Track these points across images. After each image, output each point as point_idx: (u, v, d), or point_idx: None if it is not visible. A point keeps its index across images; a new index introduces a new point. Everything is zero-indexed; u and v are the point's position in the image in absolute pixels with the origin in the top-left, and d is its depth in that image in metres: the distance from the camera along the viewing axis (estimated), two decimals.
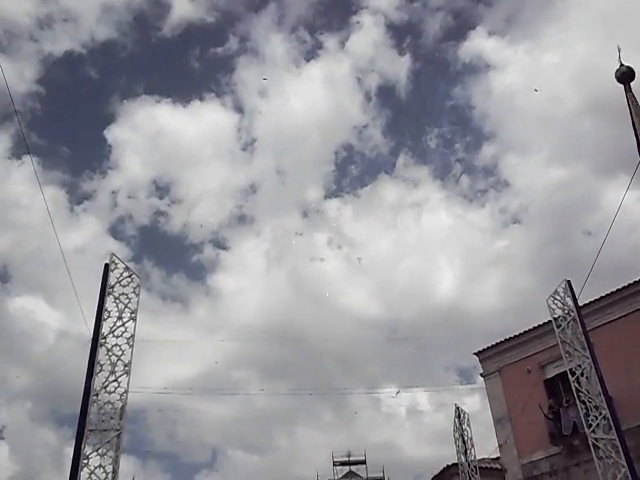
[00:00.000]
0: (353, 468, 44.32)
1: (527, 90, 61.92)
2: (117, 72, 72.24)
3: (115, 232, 71.88)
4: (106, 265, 11.52)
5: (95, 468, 9.74)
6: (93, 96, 68.24)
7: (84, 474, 9.64)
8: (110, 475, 9.83)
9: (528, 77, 62.79)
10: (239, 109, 79.78)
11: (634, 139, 14.56)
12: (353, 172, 77.99)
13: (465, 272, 65.40)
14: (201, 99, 77.03)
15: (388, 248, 69.77)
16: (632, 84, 12.54)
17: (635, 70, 12.43)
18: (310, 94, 69.98)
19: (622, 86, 14.48)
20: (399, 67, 75.14)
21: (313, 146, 68.19)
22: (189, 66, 70.46)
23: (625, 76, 10.56)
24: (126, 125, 71.90)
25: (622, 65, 12.11)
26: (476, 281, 65.55)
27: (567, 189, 59.03)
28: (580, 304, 13.70)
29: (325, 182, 78.43)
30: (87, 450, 9.85)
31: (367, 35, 68.47)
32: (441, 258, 66.46)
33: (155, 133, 65.70)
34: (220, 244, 77.81)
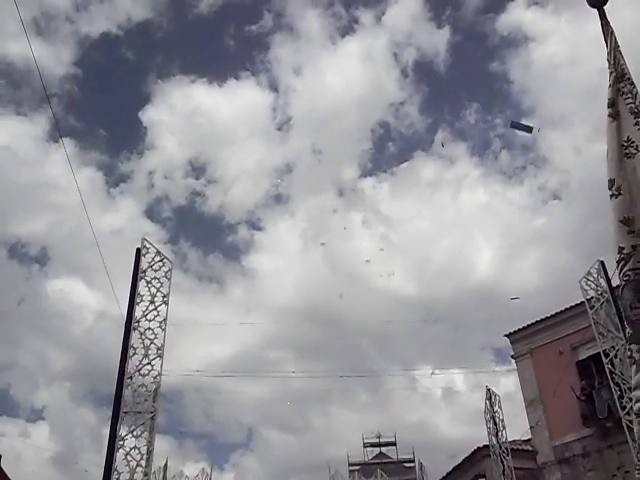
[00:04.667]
0: (383, 449, 44.55)
1: (570, 61, 60.35)
2: (153, 52, 72.38)
3: (152, 213, 72.47)
4: (138, 250, 11.62)
5: (130, 449, 9.90)
6: (129, 77, 68.62)
7: (120, 455, 9.80)
8: (145, 456, 9.99)
9: (571, 48, 61.14)
10: (274, 87, 79.41)
11: None
12: (390, 150, 77.43)
13: (503, 250, 64.61)
14: (236, 78, 76.77)
15: (425, 226, 69.30)
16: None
17: None
18: (346, 71, 69.15)
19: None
20: (437, 40, 73.75)
21: (349, 124, 67.59)
22: (224, 44, 70.19)
23: None
24: (162, 105, 72.12)
25: None
26: (514, 260, 64.72)
27: None
28: (614, 284, 13.47)
29: (361, 160, 77.72)
30: (122, 432, 10.01)
31: (404, 8, 66.97)
32: (478, 236, 65.71)
33: (191, 113, 65.86)
34: (255, 225, 78.12)
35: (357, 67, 68.32)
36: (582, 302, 13.97)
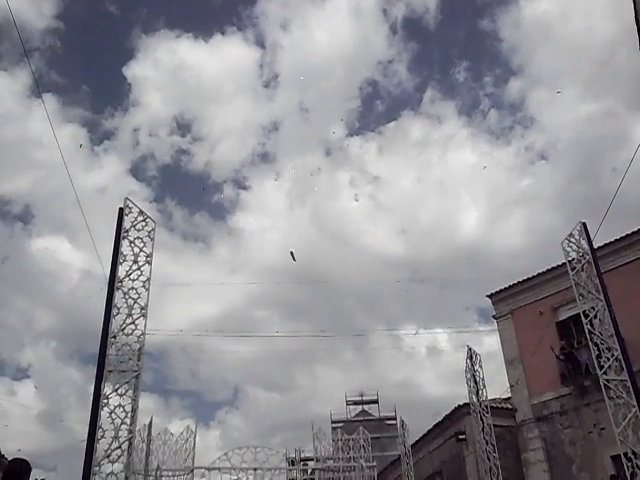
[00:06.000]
0: (366, 407, 45.29)
1: (562, 19, 59.46)
2: (137, 6, 70.69)
3: (136, 171, 71.76)
4: (120, 209, 11.53)
5: (115, 407, 9.97)
6: (113, 31, 66.98)
7: (104, 413, 9.88)
8: (129, 414, 10.07)
9: (563, 5, 60.25)
10: (261, 43, 77.99)
11: None
12: (378, 108, 76.62)
13: (490, 211, 64.97)
14: (222, 33, 75.21)
15: (412, 186, 69.20)
16: None
17: None
18: (334, 27, 67.91)
19: None
20: None
21: (337, 82, 66.70)
22: None
23: None
24: (147, 61, 70.89)
25: None
26: (501, 220, 65.16)
27: (597, 124, 57.32)
28: (595, 246, 13.59)
29: (348, 119, 77.09)
30: (107, 390, 10.06)
31: None
32: (465, 197, 65.94)
33: (176, 69, 64.61)
34: (241, 183, 77.42)
35: (346, 23, 67.10)
36: (563, 263, 14.07)
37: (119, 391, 10.17)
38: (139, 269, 11.12)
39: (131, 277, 11.02)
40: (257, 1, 79.18)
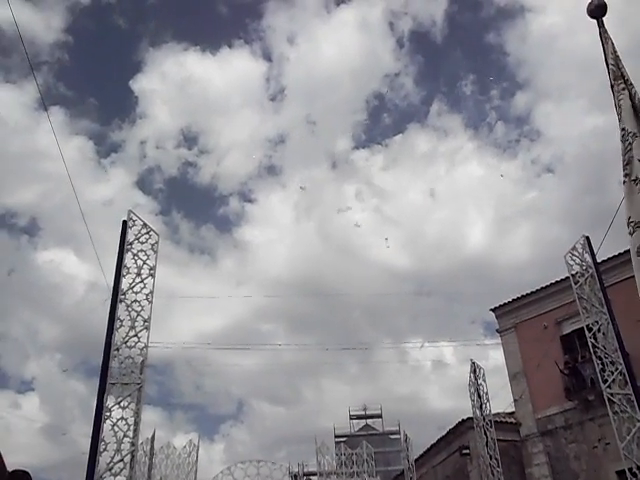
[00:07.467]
0: (370, 421, 45.07)
1: (568, 32, 59.38)
2: (145, 19, 71.07)
3: (143, 184, 71.86)
4: (124, 222, 11.56)
5: (117, 420, 9.95)
6: (121, 44, 67.38)
7: (107, 426, 9.85)
8: (132, 427, 10.05)
9: (569, 18, 60.12)
10: (268, 57, 78.29)
11: None
12: (384, 121, 76.73)
13: (496, 224, 64.87)
14: (230, 46, 75.56)
15: (418, 199, 69.15)
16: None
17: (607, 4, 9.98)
18: (341, 40, 68.14)
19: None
20: (434, 10, 72.51)
21: (344, 95, 66.85)
22: (218, 11, 68.90)
23: (598, 10, 8.84)
24: (154, 73, 71.22)
25: None
26: (507, 233, 65.02)
27: (604, 137, 57.22)
28: (599, 260, 13.57)
29: (355, 132, 77.22)
30: (109, 403, 10.05)
31: None
32: (472, 209, 65.86)
33: (183, 82, 64.89)
34: (247, 196, 77.44)
35: (352, 36, 67.30)
36: (567, 277, 14.05)
37: (122, 404, 10.14)
38: (142, 282, 11.13)
39: (134, 290, 11.03)
40: (264, 15, 79.75)
